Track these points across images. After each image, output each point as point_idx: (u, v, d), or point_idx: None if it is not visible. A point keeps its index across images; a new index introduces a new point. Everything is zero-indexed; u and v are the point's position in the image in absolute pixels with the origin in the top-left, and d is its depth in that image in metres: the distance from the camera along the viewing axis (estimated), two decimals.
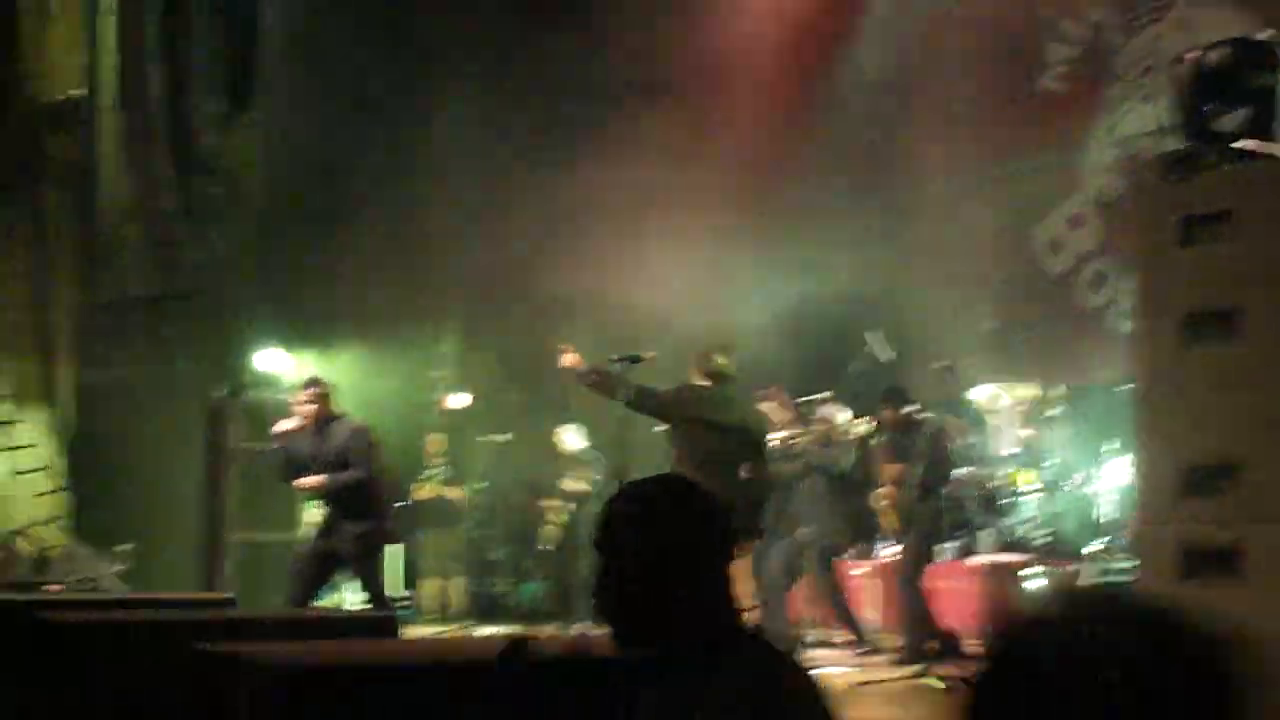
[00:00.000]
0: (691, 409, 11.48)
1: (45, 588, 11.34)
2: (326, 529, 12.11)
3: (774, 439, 13.61)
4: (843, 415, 14.49)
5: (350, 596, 15.48)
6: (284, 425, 12.15)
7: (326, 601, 14.64)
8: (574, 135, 20.09)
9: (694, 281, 17.37)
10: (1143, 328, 8.09)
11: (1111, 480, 15.00)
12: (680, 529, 3.36)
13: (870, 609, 15.01)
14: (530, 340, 22.97)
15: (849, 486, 14.39)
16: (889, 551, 14.75)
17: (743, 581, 10.99)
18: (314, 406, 11.99)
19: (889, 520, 13.47)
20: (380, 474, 12.36)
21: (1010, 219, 17.46)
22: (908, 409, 13.65)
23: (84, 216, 19.68)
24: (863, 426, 14.52)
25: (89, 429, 17.77)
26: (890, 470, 13.36)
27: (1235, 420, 7.50)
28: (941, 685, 11.21)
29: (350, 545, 11.89)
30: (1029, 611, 2.12)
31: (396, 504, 14.62)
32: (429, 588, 19.03)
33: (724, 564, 3.43)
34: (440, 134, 22.60)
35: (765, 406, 15.94)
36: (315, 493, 12.32)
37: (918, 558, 13.00)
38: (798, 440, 14.24)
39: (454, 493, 18.39)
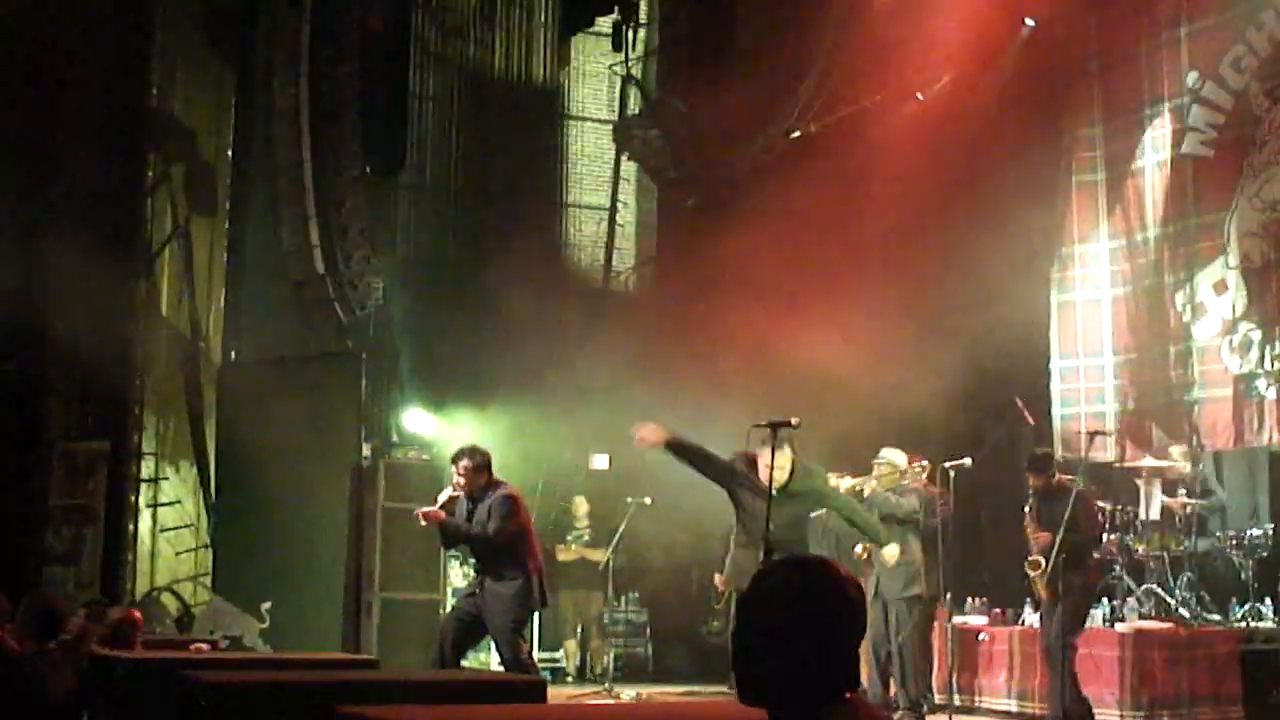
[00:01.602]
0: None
1: (191, 646, 11.42)
2: (473, 590, 12.01)
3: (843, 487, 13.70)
4: (902, 458, 14.39)
5: (497, 658, 15.52)
6: (443, 495, 12.14)
7: (472, 663, 14.69)
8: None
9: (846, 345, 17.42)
10: None
11: (1258, 545, 14.86)
12: (810, 606, 3.70)
13: (1003, 675, 14.91)
14: (679, 400, 23.13)
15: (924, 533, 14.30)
16: (1032, 618, 14.62)
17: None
18: (466, 478, 11.98)
19: (1039, 589, 13.29)
20: (528, 537, 12.23)
21: (1154, 283, 17.32)
22: (1052, 475, 13.53)
23: (232, 278, 20.02)
24: (923, 469, 14.42)
25: (234, 487, 17.99)
26: (1040, 538, 13.20)
27: None
28: None
29: (496, 607, 11.79)
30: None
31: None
32: (569, 649, 19.06)
33: (844, 637, 3.72)
34: (581, 192, 22.85)
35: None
36: (450, 541, 12.35)
37: (1067, 627, 12.87)
38: (864, 487, 14.14)
39: (596, 555, 18.43)
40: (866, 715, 3.66)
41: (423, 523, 12.16)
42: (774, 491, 11.60)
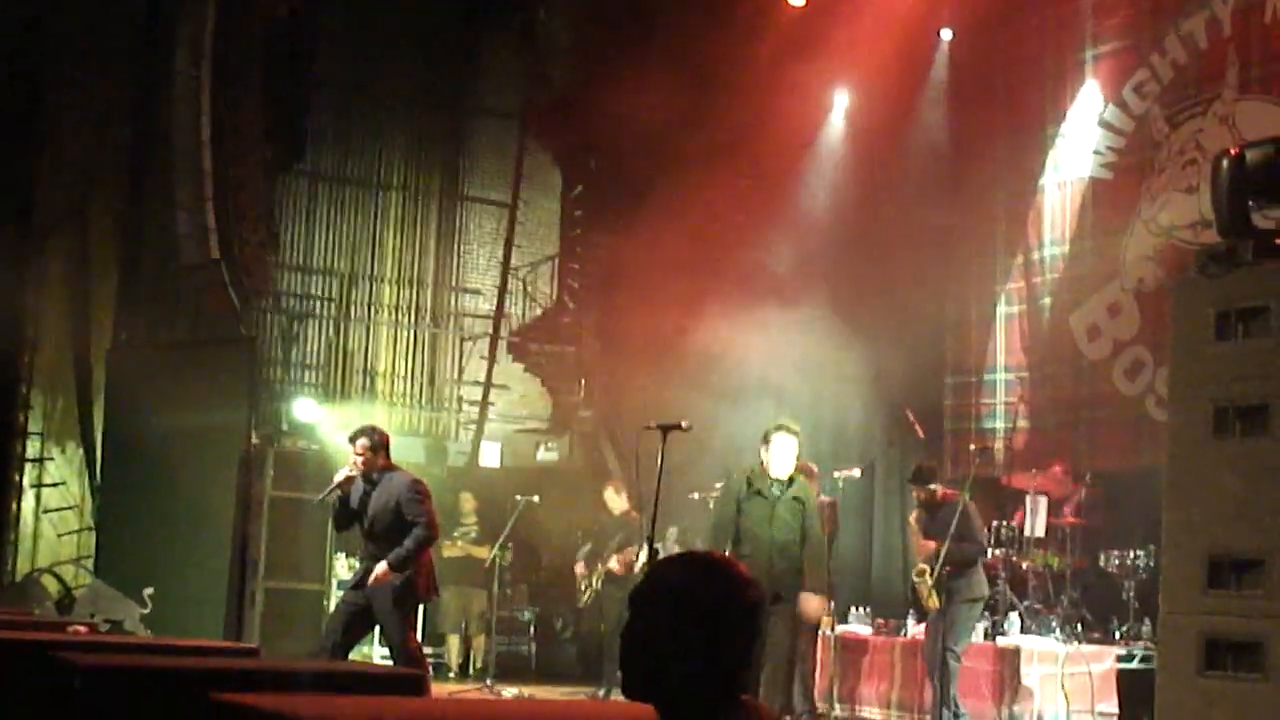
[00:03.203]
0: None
1: (67, 628, 11.27)
2: (361, 580, 11.78)
3: None
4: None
5: (382, 651, 15.43)
6: (340, 475, 11.98)
7: (357, 656, 14.58)
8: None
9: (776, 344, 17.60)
10: (1174, 418, 8.11)
11: (1140, 566, 15.00)
12: (701, 602, 3.61)
13: (885, 684, 14.98)
14: (570, 395, 23.19)
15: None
16: (916, 629, 14.70)
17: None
18: (364, 457, 11.78)
19: (926, 598, 13.39)
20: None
21: (1051, 302, 17.47)
22: (935, 487, 13.62)
23: (126, 260, 19.83)
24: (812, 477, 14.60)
25: (120, 470, 17.81)
26: (925, 547, 13.30)
27: (1262, 514, 7.49)
28: None
29: (386, 596, 11.59)
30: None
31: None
32: (451, 645, 19.00)
33: (743, 638, 3.62)
34: (482, 186, 22.83)
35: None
36: (386, 577, 11.59)
37: (952, 637, 12.95)
38: None
39: (482, 552, 18.38)
40: (763, 718, 3.60)
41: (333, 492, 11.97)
42: (776, 488, 12.23)
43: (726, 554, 10.98)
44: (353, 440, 11.95)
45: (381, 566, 11.55)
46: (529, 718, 5.35)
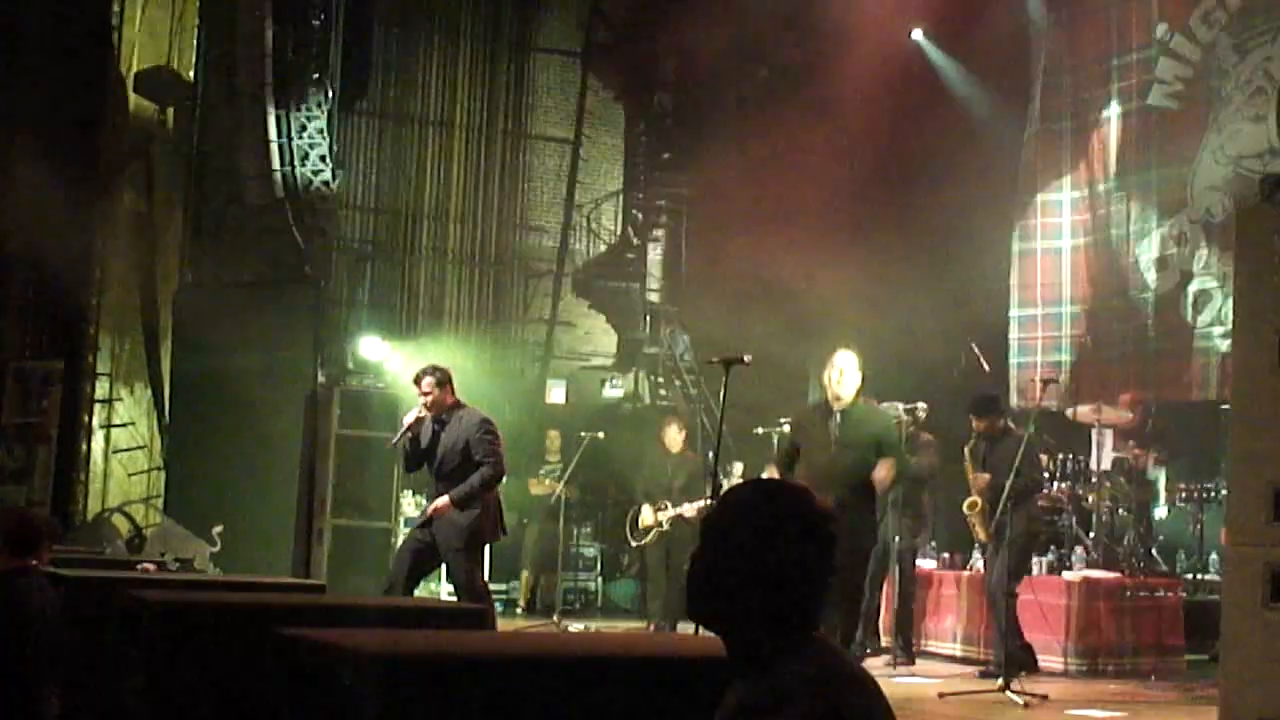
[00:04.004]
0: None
1: (138, 566, 11.35)
2: (428, 519, 11.71)
3: None
4: (899, 411, 14.48)
5: (448, 588, 15.47)
6: (409, 417, 11.91)
7: (424, 593, 14.63)
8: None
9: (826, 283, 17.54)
10: (1239, 348, 8.04)
11: (1208, 500, 14.93)
12: (763, 522, 3.49)
13: (949, 619, 14.98)
14: (635, 332, 23.23)
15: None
16: (977, 563, 14.68)
17: None
18: (431, 395, 11.70)
19: (978, 531, 13.38)
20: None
21: (1115, 234, 17.36)
22: (999, 419, 13.57)
23: (189, 201, 19.92)
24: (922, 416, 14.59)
25: (188, 410, 17.93)
26: (979, 480, 13.26)
27: None
28: (1021, 702, 11.16)
29: (451, 534, 11.57)
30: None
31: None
32: (524, 581, 19.09)
33: (819, 569, 3.50)
34: (546, 125, 22.81)
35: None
36: (446, 509, 11.56)
37: (1008, 570, 12.92)
38: None
39: (570, 490, 18.45)
40: (833, 655, 3.46)
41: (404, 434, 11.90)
42: (839, 414, 11.67)
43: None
44: (417, 380, 11.87)
45: (443, 500, 11.54)
46: (586, 650, 5.37)
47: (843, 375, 11.66)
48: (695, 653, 3.52)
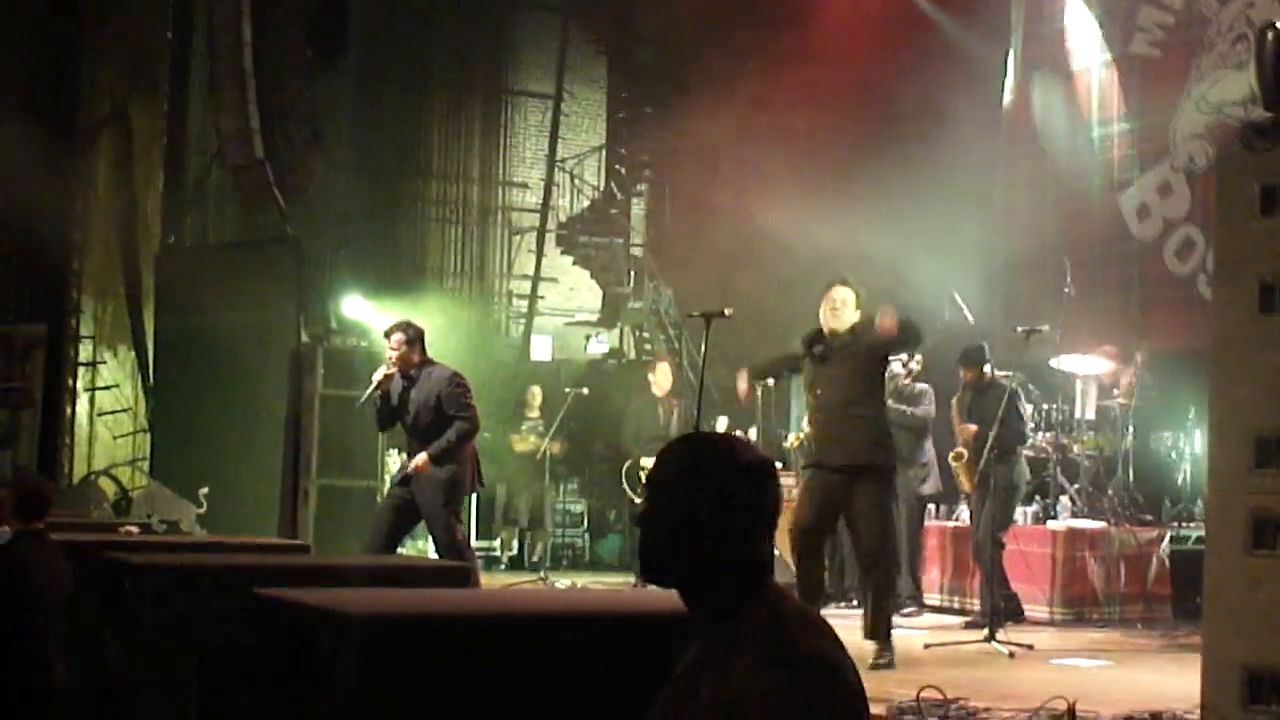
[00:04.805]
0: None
1: (122, 529, 11.35)
2: (407, 475, 11.73)
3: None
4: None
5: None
6: (377, 374, 11.92)
7: (409, 551, 14.64)
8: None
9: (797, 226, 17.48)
10: (1219, 295, 8.04)
11: (1191, 447, 14.96)
12: (695, 471, 3.47)
13: (936, 570, 15.01)
14: (619, 287, 23.22)
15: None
16: (963, 514, 14.71)
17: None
18: (399, 352, 11.72)
19: (963, 481, 13.40)
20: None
21: (1099, 183, 17.35)
22: (986, 369, 13.60)
23: (172, 162, 19.85)
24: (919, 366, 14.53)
25: (172, 371, 17.89)
26: (965, 431, 13.30)
27: None
28: (1006, 652, 11.18)
29: (430, 490, 11.56)
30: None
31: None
32: (505, 539, 19.09)
33: (762, 521, 3.48)
34: (527, 80, 22.75)
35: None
36: (425, 466, 11.54)
37: (996, 523, 12.94)
38: None
39: (554, 446, 18.46)
40: (789, 604, 3.43)
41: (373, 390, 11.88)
42: (832, 344, 10.71)
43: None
44: (387, 335, 11.93)
45: (421, 457, 11.55)
46: (559, 606, 5.38)
47: (842, 307, 10.75)
48: (680, 608, 3.49)
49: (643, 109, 24.09)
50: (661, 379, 16.51)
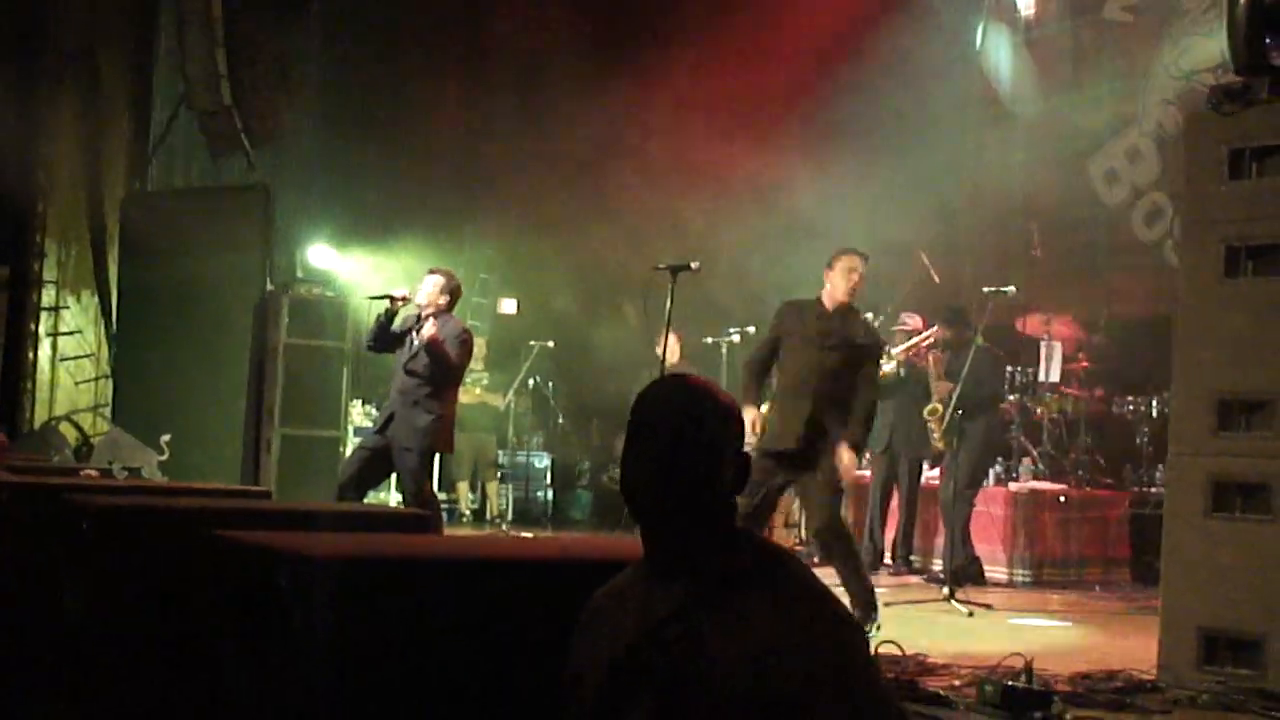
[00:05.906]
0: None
1: (82, 474, 11.31)
2: (385, 423, 11.71)
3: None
4: (915, 322, 14.59)
5: (399, 498, 15.45)
6: (401, 290, 11.84)
7: (372, 501, 14.61)
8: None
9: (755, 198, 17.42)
10: (1186, 258, 8.06)
11: (1155, 413, 15.01)
12: (646, 418, 3.49)
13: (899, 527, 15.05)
14: (584, 245, 23.12)
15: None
16: (930, 473, 14.75)
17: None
18: (431, 294, 11.68)
19: (936, 438, 13.43)
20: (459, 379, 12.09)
21: (1068, 148, 17.36)
22: (963, 330, 13.67)
23: (138, 106, 19.72)
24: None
25: (136, 318, 17.80)
26: (942, 388, 13.35)
27: (1272, 355, 7.46)
28: (965, 611, 11.22)
29: (408, 437, 11.52)
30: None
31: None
32: (461, 492, 19.05)
33: (730, 460, 3.45)
34: (502, 32, 22.58)
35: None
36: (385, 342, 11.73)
37: (964, 480, 12.98)
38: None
39: (496, 399, 18.42)
40: (760, 544, 3.41)
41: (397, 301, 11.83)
42: (826, 322, 10.28)
43: (754, 391, 10.70)
44: (431, 272, 11.96)
45: (429, 329, 11.54)
46: (512, 553, 5.36)
47: (860, 280, 10.32)
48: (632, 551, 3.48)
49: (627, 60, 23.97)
50: (670, 350, 16.44)
